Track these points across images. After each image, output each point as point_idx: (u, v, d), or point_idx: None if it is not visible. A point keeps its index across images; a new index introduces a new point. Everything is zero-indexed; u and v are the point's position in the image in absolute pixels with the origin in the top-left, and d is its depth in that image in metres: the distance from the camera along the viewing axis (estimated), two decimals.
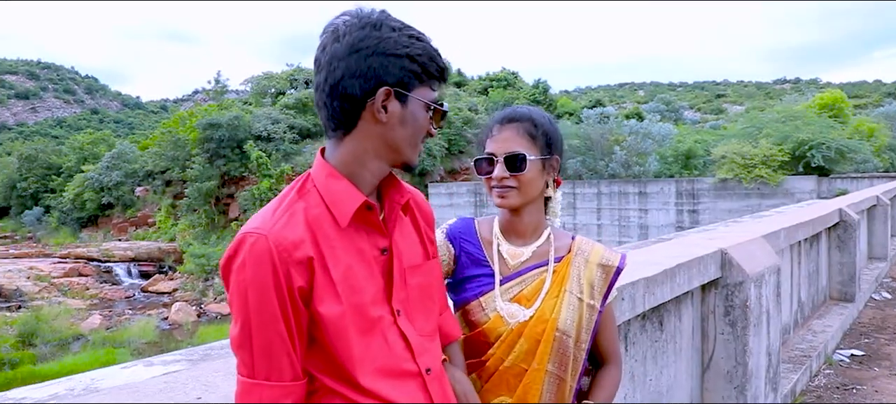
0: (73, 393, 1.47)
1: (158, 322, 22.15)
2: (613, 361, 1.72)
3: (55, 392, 1.48)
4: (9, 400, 1.43)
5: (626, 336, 2.50)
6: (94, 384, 1.53)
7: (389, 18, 1.26)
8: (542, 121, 1.66)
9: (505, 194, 1.63)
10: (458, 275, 1.69)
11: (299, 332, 1.19)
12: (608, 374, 1.71)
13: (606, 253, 1.69)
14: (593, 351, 1.69)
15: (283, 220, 1.19)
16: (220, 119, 31.61)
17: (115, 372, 1.63)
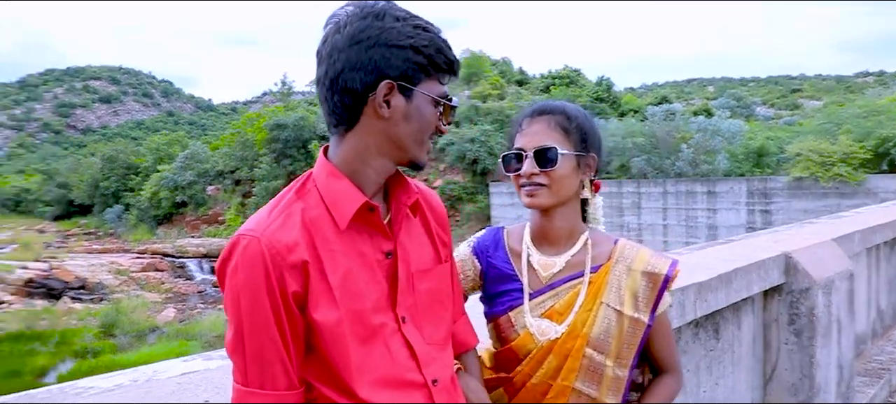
0: (137, 383, 1.52)
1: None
2: (671, 372, 1.59)
3: (120, 382, 1.54)
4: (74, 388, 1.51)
5: (677, 343, 2.39)
6: (155, 376, 1.57)
7: (394, 8, 1.17)
8: (576, 115, 1.53)
9: (534, 192, 1.49)
10: (488, 290, 1.59)
11: (295, 339, 1.13)
12: (664, 383, 1.58)
13: (653, 259, 1.52)
14: (650, 361, 1.57)
15: (278, 222, 1.13)
16: (285, 120, 32.56)
17: (176, 365, 1.67)
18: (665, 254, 1.63)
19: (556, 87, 36.91)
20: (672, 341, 1.60)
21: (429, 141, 1.23)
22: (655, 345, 1.55)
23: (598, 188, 1.62)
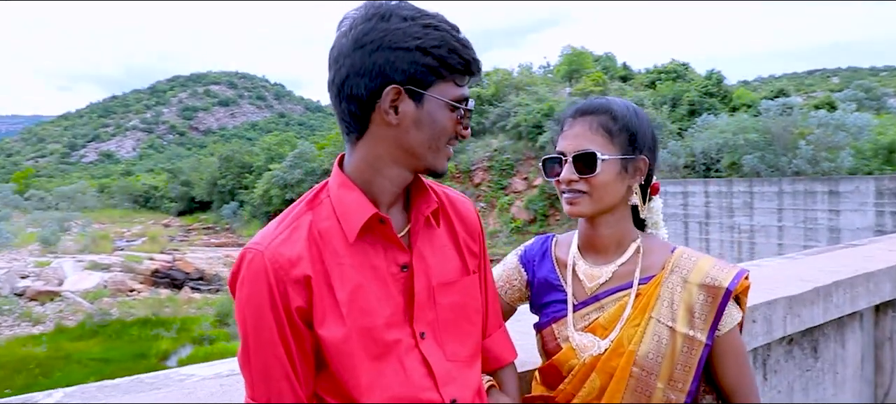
0: (235, 373, 1.57)
1: None
2: (743, 401, 1.40)
3: (219, 371, 1.62)
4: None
5: (765, 362, 2.20)
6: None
7: (403, 7, 1.09)
8: (623, 114, 1.40)
9: (575, 200, 1.38)
10: (534, 300, 1.51)
11: (301, 355, 1.09)
12: None
13: (714, 270, 1.37)
14: (717, 388, 1.42)
15: (284, 235, 1.10)
16: None
17: None
18: (732, 263, 1.45)
19: (662, 83, 35.47)
20: (745, 366, 1.42)
21: (446, 147, 1.15)
22: (720, 369, 1.39)
23: (657, 190, 1.50)
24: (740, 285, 1.36)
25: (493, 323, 1.38)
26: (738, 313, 1.40)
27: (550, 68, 41.47)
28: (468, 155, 31.38)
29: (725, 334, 1.37)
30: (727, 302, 1.34)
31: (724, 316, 1.35)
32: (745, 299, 1.42)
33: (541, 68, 42.22)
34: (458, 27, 1.12)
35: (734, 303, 1.39)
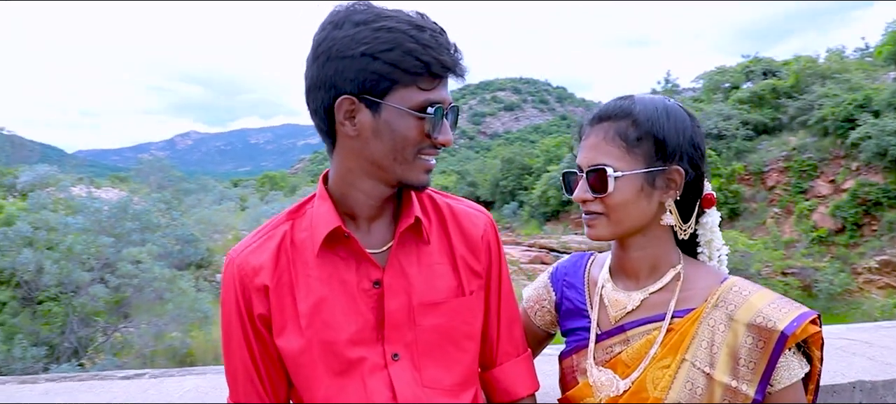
0: None
1: None
2: None
3: None
4: None
5: None
6: None
7: (358, 11, 1.01)
8: (648, 118, 1.16)
9: (591, 222, 1.19)
10: (562, 326, 1.31)
11: (266, 361, 1.10)
12: None
13: (769, 308, 1.09)
14: None
15: (256, 244, 1.11)
16: None
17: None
18: (796, 302, 1.11)
19: None
20: None
21: (419, 158, 1.04)
22: None
23: (710, 203, 1.20)
24: (803, 330, 1.07)
25: (506, 351, 1.23)
26: (803, 367, 1.11)
27: (869, 50, 35.07)
28: (759, 155, 28.17)
29: (782, 391, 1.09)
30: (782, 349, 1.07)
31: (780, 368, 1.09)
32: (819, 351, 1.08)
33: (856, 51, 35.99)
34: (427, 26, 1.00)
35: (799, 354, 1.12)
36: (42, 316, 12.66)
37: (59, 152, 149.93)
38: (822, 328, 1.11)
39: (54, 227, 13.59)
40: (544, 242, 36.29)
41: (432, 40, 1.00)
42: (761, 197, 26.88)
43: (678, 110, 1.20)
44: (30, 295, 12.92)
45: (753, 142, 30.27)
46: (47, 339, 12.11)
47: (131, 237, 14.44)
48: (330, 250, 1.09)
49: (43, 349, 11.59)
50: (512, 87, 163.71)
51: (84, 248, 12.84)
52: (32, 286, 12.82)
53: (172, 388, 1.67)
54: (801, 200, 25.81)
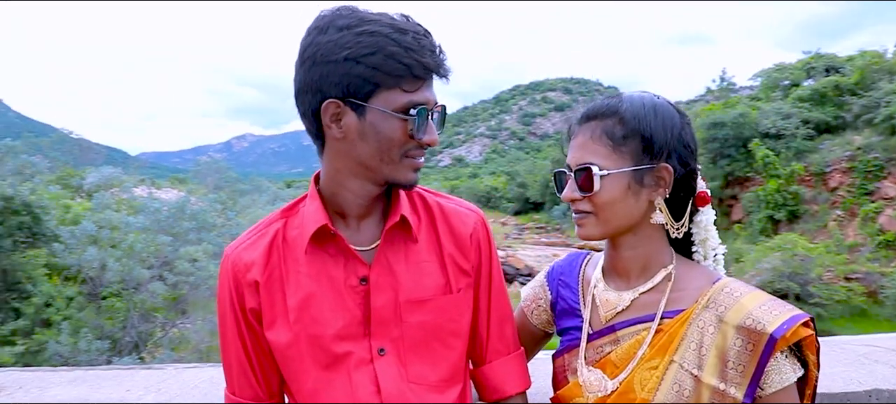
0: None
1: None
2: None
3: None
4: None
5: None
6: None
7: (342, 17, 1.03)
8: (634, 115, 1.15)
9: (580, 221, 1.19)
10: (557, 325, 1.31)
11: (258, 353, 1.14)
12: None
13: (759, 310, 1.07)
14: None
15: (249, 241, 1.15)
16: (723, 117, 30.87)
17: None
18: (789, 305, 1.07)
19: None
20: None
21: (405, 158, 1.07)
22: None
23: (704, 202, 1.18)
24: (794, 333, 1.05)
25: (496, 349, 1.25)
26: (795, 371, 1.08)
27: None
28: (821, 155, 27.05)
29: (773, 394, 1.07)
30: (771, 352, 1.05)
31: (770, 372, 1.07)
32: (813, 355, 1.08)
33: None
34: (410, 29, 1.02)
35: (793, 357, 1.09)
36: (106, 310, 13.27)
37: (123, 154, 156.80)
38: (816, 331, 1.09)
39: (117, 226, 14.23)
40: (594, 244, 35.80)
41: (414, 43, 1.02)
42: (823, 198, 25.80)
43: (667, 107, 1.19)
44: (94, 290, 13.57)
45: (814, 141, 29.11)
46: (110, 333, 12.67)
47: (188, 236, 14.96)
48: (319, 247, 1.13)
49: (106, 342, 12.14)
50: (562, 87, 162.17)
51: (144, 247, 13.38)
52: (97, 282, 13.46)
53: (190, 379, 1.76)
54: (866, 202, 24.63)
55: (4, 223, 13.20)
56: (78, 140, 43.29)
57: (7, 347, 11.25)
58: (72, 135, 44.94)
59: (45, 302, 12.78)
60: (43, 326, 12.42)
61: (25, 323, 12.25)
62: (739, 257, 21.47)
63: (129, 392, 1.64)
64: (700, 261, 1.24)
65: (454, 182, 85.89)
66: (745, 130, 30.32)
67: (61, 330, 11.75)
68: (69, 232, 13.80)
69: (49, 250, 13.63)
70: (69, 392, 1.65)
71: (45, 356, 11.41)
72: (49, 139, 43.38)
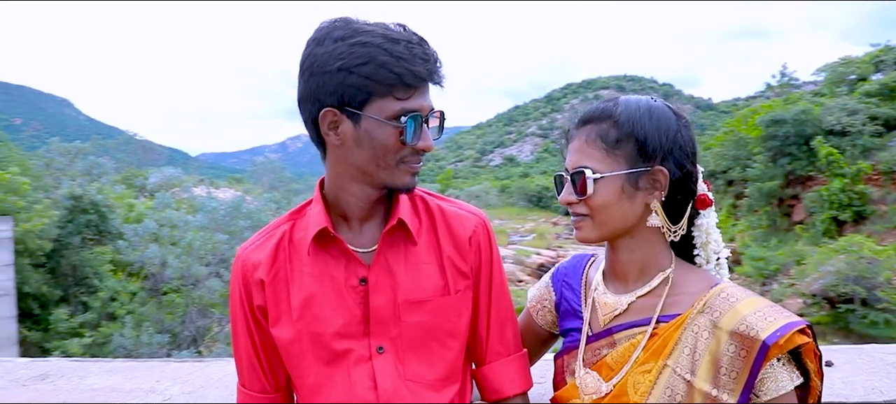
0: None
1: None
2: None
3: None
4: None
5: None
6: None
7: (337, 28, 1.07)
8: (629, 118, 1.16)
9: (578, 224, 1.20)
10: (560, 326, 1.32)
11: (266, 348, 1.21)
12: None
13: (753, 316, 1.06)
14: None
15: (258, 242, 1.21)
16: (784, 114, 29.75)
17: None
18: (786, 312, 1.05)
19: None
20: None
21: (402, 163, 1.10)
22: None
23: (704, 204, 1.16)
24: (788, 340, 1.03)
25: (496, 350, 1.27)
26: (793, 379, 1.07)
27: None
28: (890, 152, 25.74)
29: (768, 402, 1.06)
30: (764, 359, 1.04)
31: (766, 379, 1.06)
32: (814, 363, 1.07)
33: None
34: (402, 38, 1.05)
35: (791, 365, 1.08)
36: (166, 306, 13.82)
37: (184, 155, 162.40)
38: (814, 338, 1.07)
39: (176, 225, 14.79)
40: None
41: (406, 52, 1.06)
42: (892, 198, 24.54)
43: (663, 110, 1.19)
44: (156, 286, 14.14)
45: (883, 138, 27.71)
46: (170, 328, 13.20)
47: (244, 235, 15.39)
48: (322, 248, 1.18)
49: (166, 336, 12.66)
50: (616, 84, 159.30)
51: (202, 245, 13.86)
52: (158, 278, 14.03)
53: (215, 372, 1.86)
54: None
55: (74, 221, 13.94)
56: (142, 141, 45.19)
57: (76, 338, 11.88)
58: (136, 136, 46.94)
59: (111, 296, 13.42)
60: (108, 319, 13.05)
61: (92, 317, 12.90)
62: (801, 259, 20.68)
63: (158, 382, 1.75)
64: (702, 265, 1.24)
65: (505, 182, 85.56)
66: (807, 127, 29.15)
67: (125, 324, 12.32)
68: (132, 230, 14.44)
69: (114, 247, 14.32)
70: (104, 380, 1.78)
71: (110, 348, 11.99)
72: (116, 141, 45.48)
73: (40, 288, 12.56)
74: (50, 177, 17.09)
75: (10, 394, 1.67)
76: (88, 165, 19.74)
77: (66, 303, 13.19)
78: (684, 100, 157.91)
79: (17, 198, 12.14)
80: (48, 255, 12.91)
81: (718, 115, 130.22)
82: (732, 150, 34.47)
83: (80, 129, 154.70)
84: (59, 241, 13.26)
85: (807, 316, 18.47)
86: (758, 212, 31.26)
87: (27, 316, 12.23)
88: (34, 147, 27.12)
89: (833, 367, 1.64)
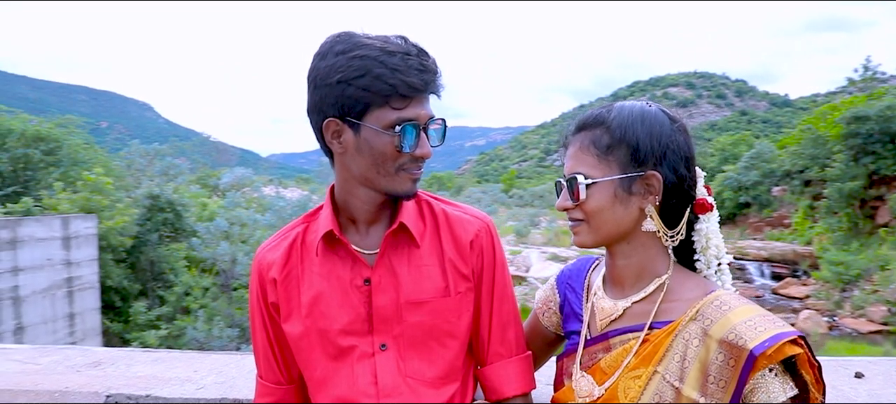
0: None
1: None
2: None
3: None
4: None
5: None
6: None
7: (339, 42, 1.14)
8: (621, 124, 1.17)
9: (574, 230, 1.21)
10: (563, 328, 1.33)
11: (280, 343, 1.28)
12: None
13: (743, 325, 1.05)
14: None
15: (274, 243, 1.29)
16: (867, 110, 28.09)
17: None
18: (780, 321, 1.01)
19: None
20: None
21: (402, 170, 1.15)
22: None
23: (704, 209, 1.15)
24: (777, 351, 1.02)
25: (497, 352, 1.29)
26: (786, 391, 1.04)
27: None
28: None
29: None
30: (751, 369, 1.02)
31: (757, 390, 1.04)
32: (810, 374, 1.05)
33: None
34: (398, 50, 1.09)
35: (786, 376, 1.05)
36: (236, 301, 14.37)
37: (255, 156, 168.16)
38: (808, 349, 1.04)
39: (246, 223, 15.38)
40: None
41: (401, 63, 1.10)
42: None
43: (656, 114, 1.19)
44: (227, 282, 14.74)
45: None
46: (240, 322, 13.70)
47: None
48: (331, 250, 1.24)
49: (236, 330, 13.17)
50: (685, 81, 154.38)
51: None
52: (228, 274, 14.62)
53: (249, 364, 1.97)
54: None
55: (152, 219, 14.70)
56: (216, 143, 47.11)
57: (153, 330, 12.54)
58: (211, 138, 49.01)
59: (185, 291, 14.08)
60: (183, 313, 13.70)
61: (168, 310, 13.58)
62: (885, 264, 19.52)
63: (195, 372, 1.88)
64: (702, 271, 1.23)
65: None
66: (893, 124, 27.46)
67: (198, 318, 12.90)
68: (205, 228, 15.10)
69: (188, 244, 15.01)
70: (148, 369, 1.92)
71: (183, 340, 12.59)
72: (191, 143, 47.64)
73: (121, 282, 13.29)
74: (131, 177, 18.03)
75: (64, 379, 1.83)
76: (166, 166, 20.71)
77: (145, 297, 13.91)
78: (759, 96, 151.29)
79: (101, 197, 12.87)
80: (128, 251, 13.63)
81: (795, 112, 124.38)
82: (810, 149, 32.82)
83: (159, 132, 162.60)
84: (138, 238, 13.98)
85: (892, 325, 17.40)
86: (837, 214, 29.64)
87: (110, 309, 12.97)
88: (117, 149, 28.78)
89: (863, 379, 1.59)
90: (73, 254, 11.03)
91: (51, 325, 10.59)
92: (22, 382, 1.77)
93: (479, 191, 40.25)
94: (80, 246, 11.18)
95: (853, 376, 1.62)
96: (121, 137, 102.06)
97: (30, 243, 10.15)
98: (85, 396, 1.70)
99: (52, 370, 1.93)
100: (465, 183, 63.32)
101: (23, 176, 13.68)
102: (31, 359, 2.03)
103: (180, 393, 1.73)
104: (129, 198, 14.89)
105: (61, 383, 1.78)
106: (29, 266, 10.14)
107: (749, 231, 36.68)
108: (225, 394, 1.71)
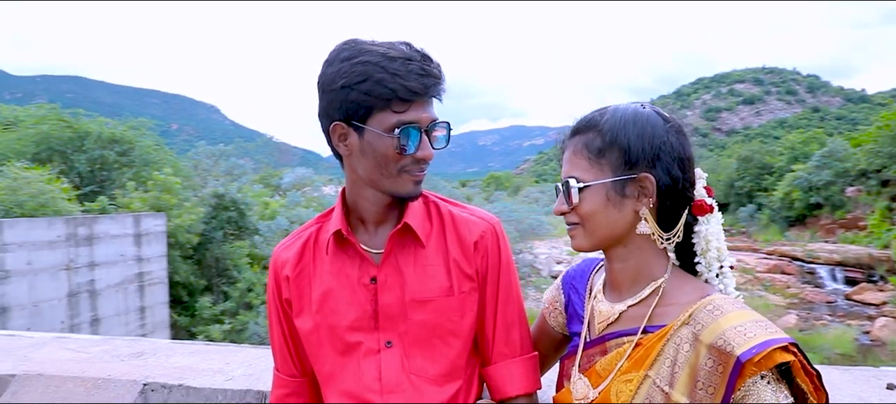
0: None
1: (858, 334, 20.44)
2: None
3: None
4: None
5: None
6: None
7: (345, 49, 1.18)
8: (613, 127, 1.16)
9: (571, 233, 1.21)
10: (568, 329, 1.33)
11: (293, 337, 1.33)
12: None
13: (733, 330, 1.03)
14: None
15: (290, 242, 1.34)
16: None
17: None
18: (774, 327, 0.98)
19: None
20: None
21: (404, 172, 1.18)
22: None
23: (703, 210, 1.12)
24: (766, 357, 0.99)
25: (501, 352, 1.31)
26: (779, 398, 1.01)
27: None
28: None
29: None
30: (738, 376, 1.00)
31: (749, 396, 1.02)
32: (807, 382, 1.03)
33: None
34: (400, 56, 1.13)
35: (780, 383, 1.03)
36: None
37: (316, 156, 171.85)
38: (801, 356, 1.02)
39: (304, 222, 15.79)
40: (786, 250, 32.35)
41: (401, 68, 1.14)
42: None
43: (649, 116, 1.18)
44: None
45: None
46: None
47: None
48: (341, 249, 1.29)
49: None
50: (752, 78, 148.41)
51: None
52: None
53: None
54: None
55: (217, 217, 15.28)
56: (278, 144, 48.50)
57: (217, 325, 13.04)
58: (273, 139, 50.49)
59: (248, 287, 14.57)
60: (245, 309, 14.18)
61: (232, 305, 14.09)
62: None
63: (227, 364, 1.97)
64: (703, 274, 1.21)
65: None
66: None
67: (259, 314, 13.33)
68: (266, 226, 15.57)
69: (251, 241, 15.53)
70: (185, 360, 2.03)
71: (245, 334, 13.04)
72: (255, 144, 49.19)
73: (188, 277, 13.87)
74: (198, 177, 18.76)
75: (108, 367, 1.97)
76: (230, 166, 21.45)
77: (210, 292, 14.47)
78: (832, 92, 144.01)
79: (170, 196, 13.48)
80: (195, 248, 14.20)
81: (873, 108, 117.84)
82: (888, 147, 31.07)
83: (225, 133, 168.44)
84: (204, 236, 14.54)
85: None
86: None
87: (177, 303, 13.57)
88: (185, 150, 30.05)
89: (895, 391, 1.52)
90: (144, 250, 11.60)
91: (123, 318, 11.17)
92: (70, 369, 1.92)
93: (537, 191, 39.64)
94: (150, 242, 11.75)
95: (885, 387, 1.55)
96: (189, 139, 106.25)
97: (105, 240, 10.74)
98: (124, 383, 1.82)
99: (99, 358, 2.07)
100: (523, 182, 62.66)
101: (99, 176, 14.45)
102: (82, 348, 2.18)
103: (210, 382, 1.82)
104: (196, 197, 15.49)
105: (105, 370, 1.91)
106: (104, 261, 10.72)
107: (820, 233, 35.01)
108: (251, 386, 1.80)
